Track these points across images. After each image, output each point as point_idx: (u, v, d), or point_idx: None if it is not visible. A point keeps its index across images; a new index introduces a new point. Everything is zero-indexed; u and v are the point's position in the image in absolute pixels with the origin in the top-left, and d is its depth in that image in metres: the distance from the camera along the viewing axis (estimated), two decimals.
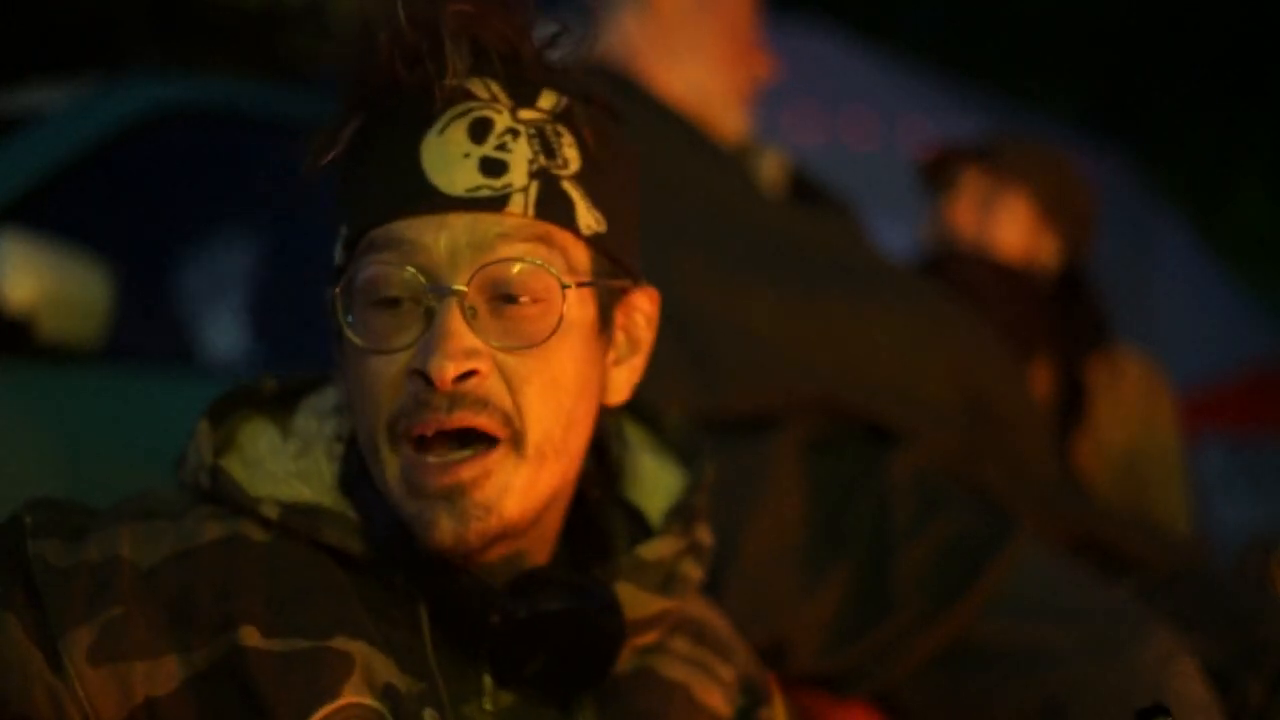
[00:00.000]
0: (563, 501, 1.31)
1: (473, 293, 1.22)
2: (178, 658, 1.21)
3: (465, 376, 1.21)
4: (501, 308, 1.23)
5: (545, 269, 1.23)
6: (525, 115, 1.25)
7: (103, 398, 2.42)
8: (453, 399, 1.21)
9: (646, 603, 1.31)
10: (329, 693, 1.20)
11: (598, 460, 1.36)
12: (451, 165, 1.23)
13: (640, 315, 1.34)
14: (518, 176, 1.23)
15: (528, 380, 1.23)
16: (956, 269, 2.84)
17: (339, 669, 1.21)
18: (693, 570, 1.36)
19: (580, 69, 1.29)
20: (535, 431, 1.23)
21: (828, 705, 1.87)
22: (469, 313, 1.22)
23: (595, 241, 1.27)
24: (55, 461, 2.25)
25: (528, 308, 1.23)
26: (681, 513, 1.36)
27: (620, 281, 1.30)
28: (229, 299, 2.99)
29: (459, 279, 1.21)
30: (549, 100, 1.27)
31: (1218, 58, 8.47)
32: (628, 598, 1.29)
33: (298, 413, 1.34)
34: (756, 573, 1.85)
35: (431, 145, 1.23)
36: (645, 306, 1.34)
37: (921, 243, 2.99)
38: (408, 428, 1.22)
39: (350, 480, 1.29)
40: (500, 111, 1.25)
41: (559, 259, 1.24)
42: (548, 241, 1.24)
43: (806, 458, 1.96)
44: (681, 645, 1.38)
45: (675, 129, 2.18)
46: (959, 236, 2.91)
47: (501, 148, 1.24)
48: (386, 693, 1.22)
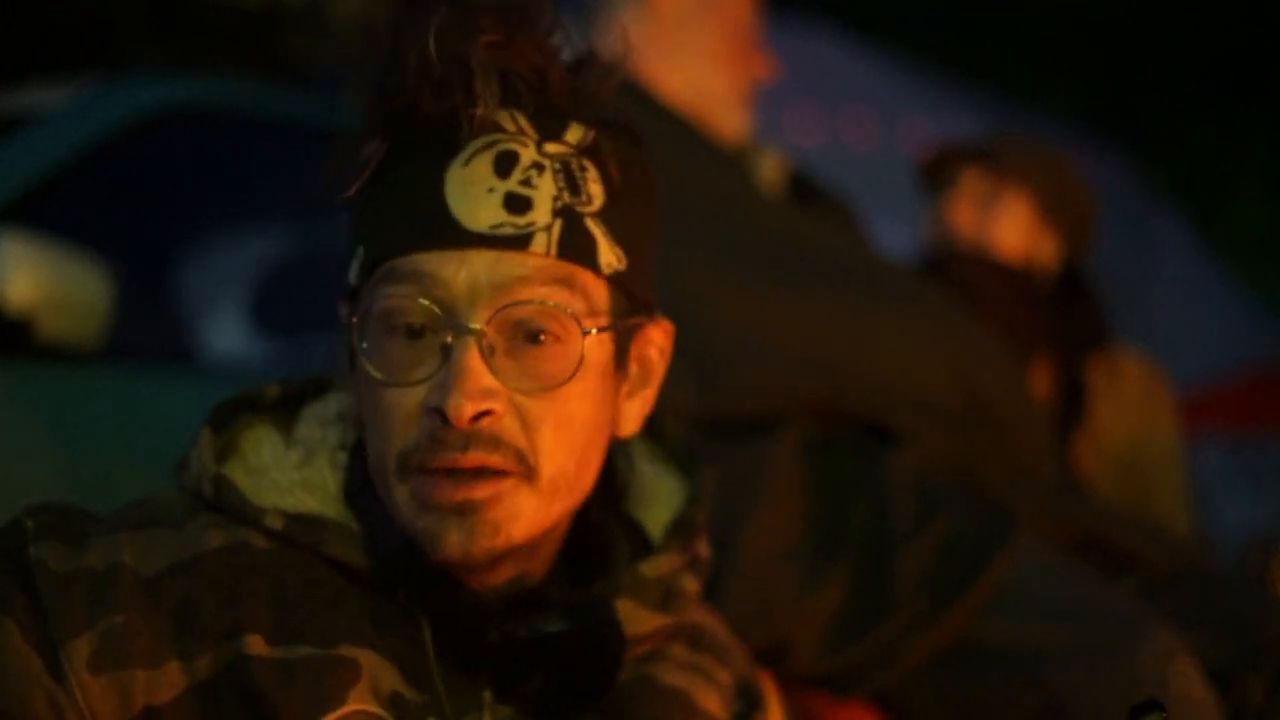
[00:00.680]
0: (566, 523, 1.30)
1: (491, 332, 1.21)
2: (180, 666, 1.21)
3: (481, 415, 1.20)
4: (520, 348, 1.22)
5: (566, 313, 1.22)
6: (551, 149, 1.23)
7: (103, 398, 2.42)
8: (468, 438, 1.20)
9: (646, 619, 1.31)
10: (334, 700, 1.20)
11: (603, 480, 1.34)
12: (475, 199, 1.21)
13: (654, 348, 1.33)
14: (541, 214, 1.22)
15: (543, 420, 1.22)
16: (956, 269, 2.84)
17: (345, 676, 1.21)
18: (691, 584, 1.36)
19: (609, 95, 1.27)
20: (548, 469, 1.23)
21: (828, 705, 1.87)
22: (487, 351, 1.20)
23: (615, 280, 1.25)
24: (55, 462, 2.24)
25: (546, 349, 1.22)
26: (682, 528, 1.36)
27: (637, 318, 1.29)
28: (229, 299, 2.99)
29: (478, 317, 1.20)
30: (575, 134, 1.25)
31: (1218, 58, 8.47)
32: (627, 614, 1.29)
33: (300, 420, 1.34)
34: (756, 573, 1.85)
35: (455, 177, 1.21)
36: (659, 339, 1.33)
37: (921, 243, 2.99)
38: (421, 462, 1.21)
39: (354, 491, 1.29)
40: (526, 145, 1.23)
41: (579, 301, 1.23)
42: (569, 283, 1.23)
43: (806, 458, 1.96)
44: (679, 651, 1.38)
45: (675, 129, 2.18)
46: (959, 236, 2.91)
47: (526, 183, 1.22)
48: (393, 701, 1.22)
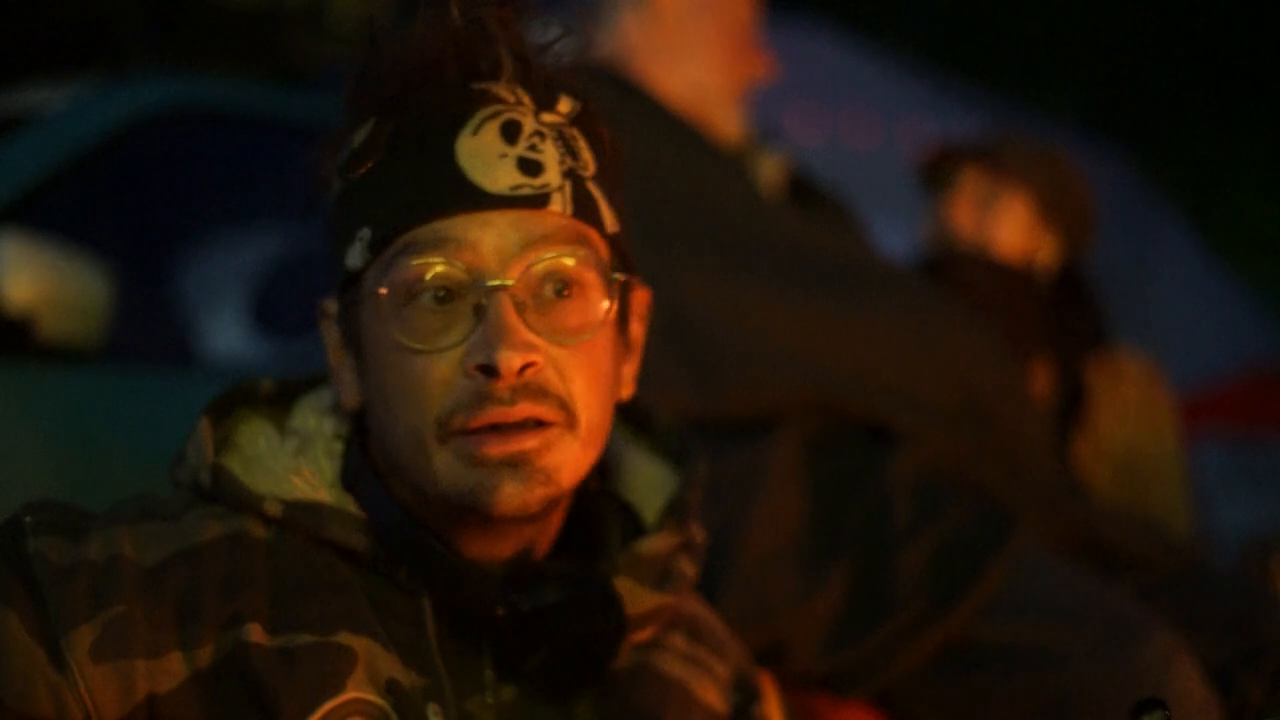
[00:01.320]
0: (569, 495, 1.32)
1: (521, 289, 1.24)
2: (181, 655, 1.22)
3: (526, 367, 1.23)
4: (548, 303, 1.26)
5: (589, 266, 1.26)
6: (547, 118, 1.28)
7: (103, 398, 2.42)
8: (515, 390, 1.23)
9: (644, 598, 1.32)
10: (333, 687, 1.21)
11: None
12: (490, 164, 1.25)
13: (640, 312, 1.37)
14: (553, 176, 1.26)
15: (578, 370, 1.26)
16: (956, 269, 2.84)
17: (342, 664, 1.22)
18: (687, 567, 1.37)
19: (585, 72, 1.32)
20: (585, 416, 1.26)
21: (828, 705, 1.87)
22: (520, 308, 1.24)
23: (614, 241, 1.31)
24: (55, 461, 2.24)
25: (574, 302, 1.26)
26: (676, 509, 1.37)
27: (630, 278, 1.34)
28: (229, 299, 2.99)
29: (509, 275, 1.24)
30: (565, 104, 1.30)
31: (1218, 58, 8.47)
32: (626, 593, 1.30)
33: (295, 411, 1.35)
34: (756, 573, 1.86)
35: (466, 146, 1.25)
36: (644, 304, 1.38)
37: (921, 243, 2.99)
38: (465, 421, 1.23)
39: (351, 477, 1.30)
40: (526, 115, 1.27)
41: (592, 257, 1.27)
42: (585, 239, 1.27)
43: (806, 458, 1.96)
44: (679, 642, 1.39)
45: (675, 129, 2.18)
46: (958, 236, 2.91)
47: (533, 149, 1.26)
48: (389, 688, 1.23)
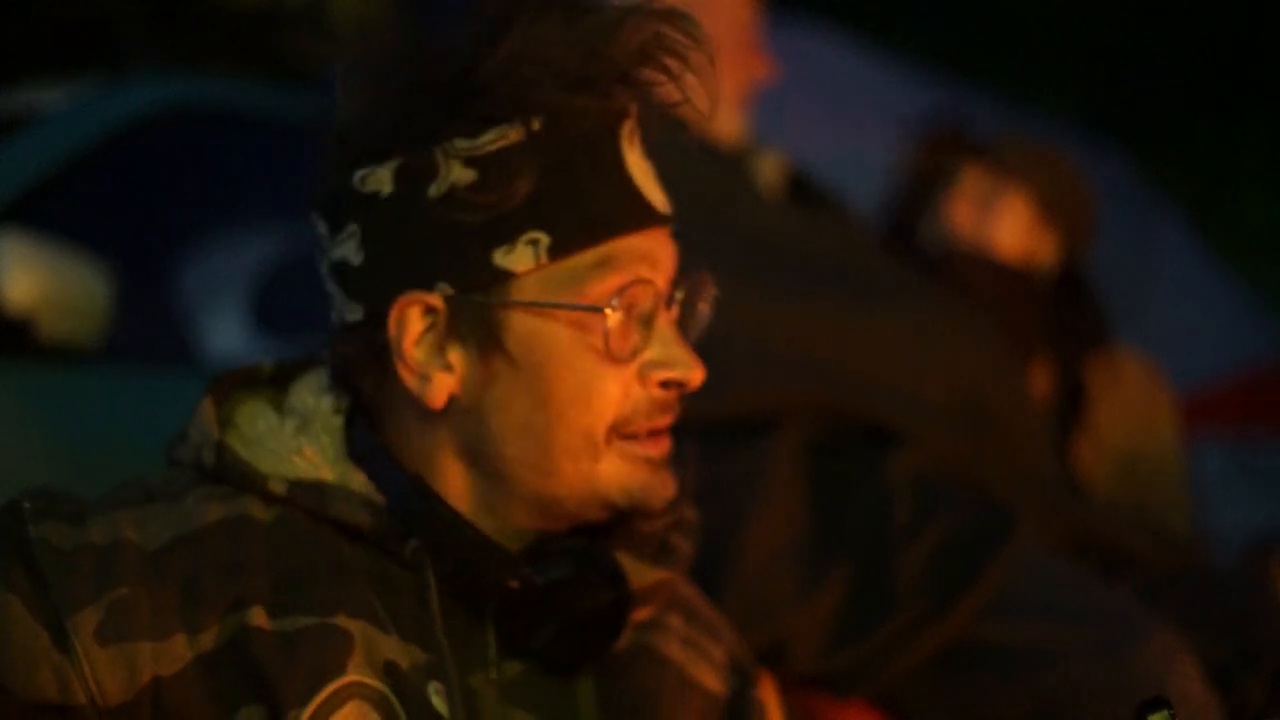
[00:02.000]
0: None
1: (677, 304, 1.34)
2: (185, 638, 1.22)
3: None
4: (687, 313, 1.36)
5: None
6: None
7: (103, 398, 2.42)
8: (677, 401, 1.33)
9: (644, 573, 1.34)
10: (334, 670, 1.22)
11: None
12: (649, 180, 1.32)
13: None
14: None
15: None
16: (956, 269, 2.83)
17: (343, 646, 1.23)
18: (681, 542, 1.39)
19: None
20: None
21: (828, 705, 1.87)
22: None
23: None
24: (55, 461, 2.24)
25: (692, 313, 1.36)
26: None
27: None
28: (229, 299, 2.99)
29: (676, 290, 1.33)
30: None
31: (1218, 58, 8.47)
32: (626, 567, 1.32)
33: (292, 392, 1.36)
34: (756, 573, 1.86)
35: (633, 163, 1.31)
36: None
37: (922, 242, 2.98)
38: (640, 427, 1.30)
39: (359, 452, 1.31)
40: (635, 130, 1.33)
41: None
42: None
43: (806, 458, 1.96)
44: (677, 623, 1.41)
45: (673, 130, 2.17)
46: (958, 236, 2.91)
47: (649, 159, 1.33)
48: (388, 670, 1.23)
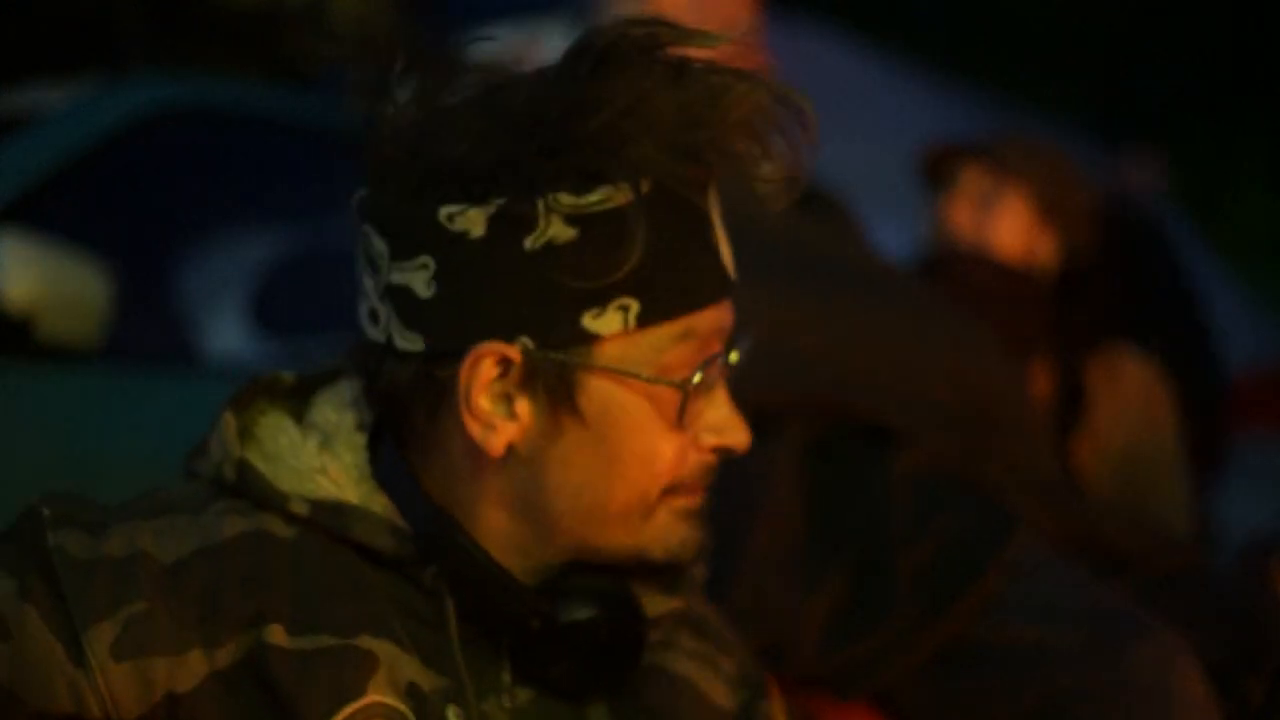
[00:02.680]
0: None
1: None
2: (202, 654, 1.21)
3: None
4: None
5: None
6: None
7: (103, 398, 2.42)
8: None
9: (658, 603, 1.33)
10: (354, 691, 1.21)
11: None
12: (725, 248, 1.27)
13: None
14: None
15: None
16: (956, 269, 2.83)
17: (363, 667, 1.22)
18: (695, 569, 1.37)
19: None
20: None
21: (828, 705, 1.87)
22: None
23: None
24: (55, 462, 2.25)
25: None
26: None
27: None
28: (229, 299, 2.99)
29: (731, 357, 1.30)
30: None
31: (1218, 58, 8.47)
32: (640, 597, 1.31)
33: (314, 406, 1.33)
34: (756, 573, 1.85)
35: (716, 226, 1.26)
36: None
37: (921, 243, 2.99)
38: (690, 488, 1.28)
39: (382, 476, 1.29)
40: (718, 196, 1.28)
41: None
42: None
43: (806, 458, 1.96)
44: (686, 640, 1.40)
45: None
46: (958, 236, 2.91)
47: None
48: (410, 692, 1.22)
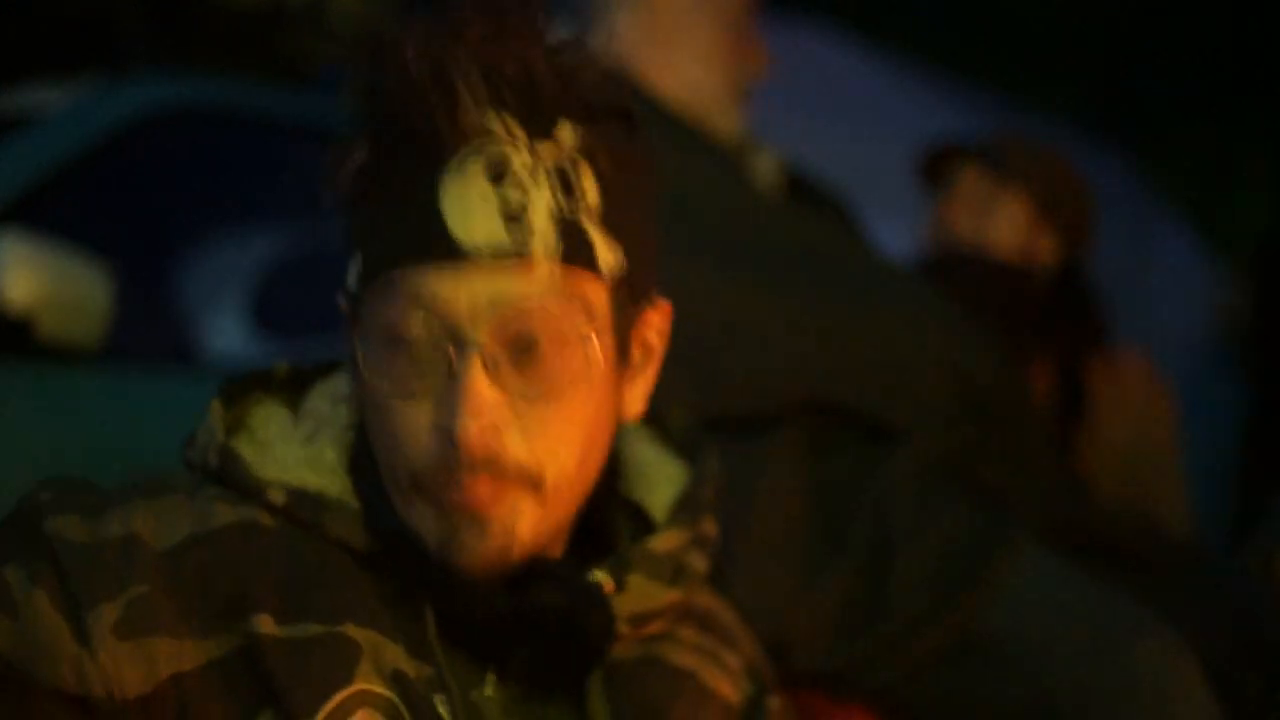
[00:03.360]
0: (576, 506, 1.31)
1: (493, 345, 1.21)
2: (199, 641, 1.22)
3: (487, 434, 1.20)
4: (522, 358, 1.22)
5: (566, 321, 1.22)
6: (542, 150, 1.22)
7: (103, 398, 2.42)
8: (474, 459, 1.21)
9: (658, 594, 1.32)
10: (343, 679, 1.21)
11: (607, 464, 1.35)
12: (471, 212, 1.20)
13: (653, 330, 1.33)
14: (538, 222, 1.21)
15: (547, 426, 1.23)
16: (956, 269, 2.84)
17: (350, 655, 1.22)
18: (699, 561, 1.37)
19: (598, 84, 1.26)
20: (551, 474, 1.23)
21: (828, 705, 1.87)
22: (491, 365, 1.21)
23: (614, 276, 1.25)
24: (55, 462, 2.25)
25: (549, 358, 1.22)
26: (687, 505, 1.37)
27: (637, 308, 1.30)
28: (229, 299, 2.99)
29: (480, 332, 1.20)
30: (565, 130, 1.23)
31: (1217, 58, 8.47)
32: (640, 589, 1.30)
33: (309, 395, 1.34)
34: (756, 573, 1.85)
35: (450, 188, 1.20)
36: (658, 322, 1.33)
37: (921, 243, 2.99)
38: (432, 480, 1.22)
39: (357, 469, 1.29)
40: (517, 148, 1.21)
41: (579, 307, 1.23)
42: (568, 291, 1.22)
43: (806, 458, 1.96)
44: (689, 633, 1.39)
45: (671, 128, 2.18)
46: (957, 236, 2.91)
47: (520, 189, 1.20)
48: (396, 678, 1.23)
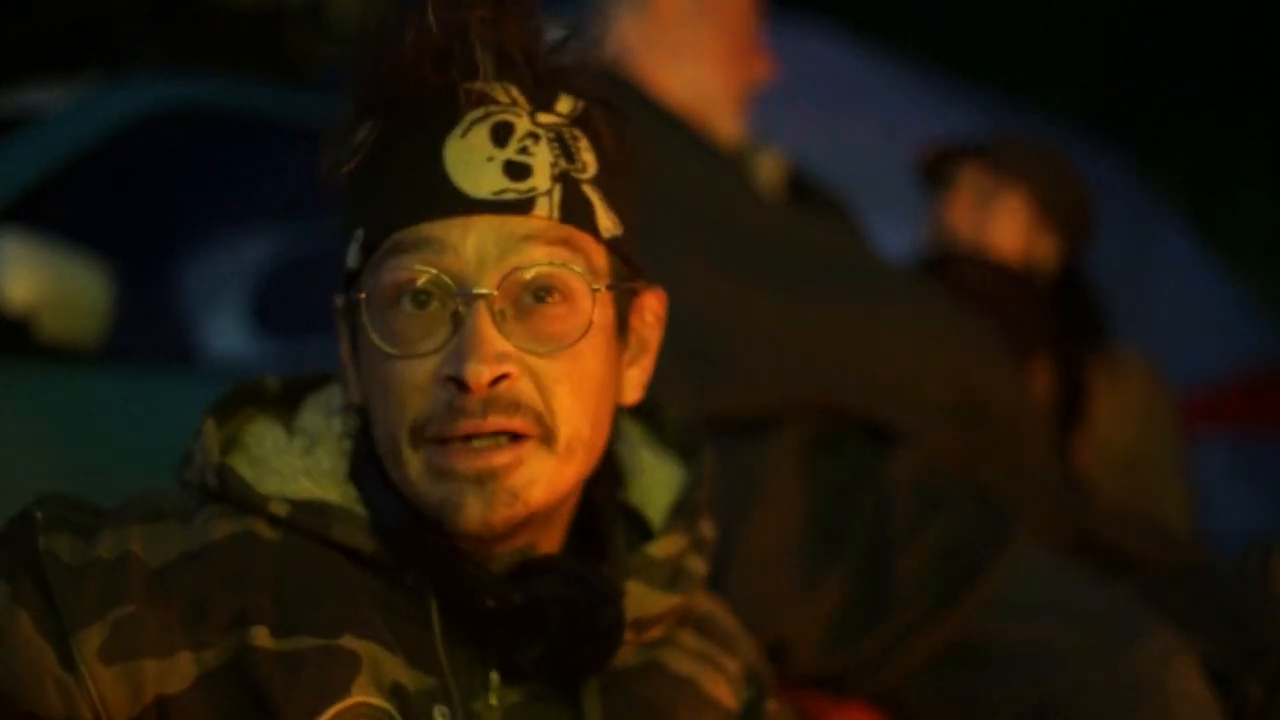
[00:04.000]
0: (575, 496, 1.32)
1: (501, 296, 1.23)
2: (189, 656, 1.22)
3: (498, 380, 1.22)
4: (529, 310, 1.24)
5: (573, 271, 1.25)
6: (544, 119, 1.27)
7: (103, 398, 2.42)
8: (486, 403, 1.22)
9: (656, 600, 1.33)
10: (338, 691, 1.22)
11: (604, 464, 1.36)
12: (475, 168, 1.24)
13: (650, 315, 1.36)
14: (541, 180, 1.25)
15: (558, 380, 1.25)
16: (956, 269, 2.84)
17: (347, 668, 1.22)
18: (697, 565, 1.37)
19: (591, 72, 1.30)
20: (566, 429, 1.25)
21: (828, 705, 1.87)
22: (498, 316, 1.23)
23: (613, 244, 1.29)
24: (55, 462, 2.25)
25: (556, 309, 1.25)
26: (684, 509, 1.38)
27: (634, 283, 1.33)
28: (229, 299, 2.99)
29: (487, 282, 1.23)
30: (566, 104, 1.28)
31: (1217, 58, 8.47)
32: (638, 595, 1.31)
33: (303, 410, 1.35)
34: (756, 573, 1.86)
35: (454, 148, 1.24)
36: (654, 306, 1.36)
37: (921, 243, 2.99)
38: (438, 432, 1.23)
39: (358, 475, 1.30)
40: (520, 115, 1.26)
41: (582, 261, 1.26)
42: (571, 245, 1.26)
43: (806, 458, 1.96)
44: (688, 639, 1.40)
45: (674, 130, 2.18)
46: (957, 236, 2.91)
47: (523, 151, 1.25)
48: (394, 691, 1.23)
